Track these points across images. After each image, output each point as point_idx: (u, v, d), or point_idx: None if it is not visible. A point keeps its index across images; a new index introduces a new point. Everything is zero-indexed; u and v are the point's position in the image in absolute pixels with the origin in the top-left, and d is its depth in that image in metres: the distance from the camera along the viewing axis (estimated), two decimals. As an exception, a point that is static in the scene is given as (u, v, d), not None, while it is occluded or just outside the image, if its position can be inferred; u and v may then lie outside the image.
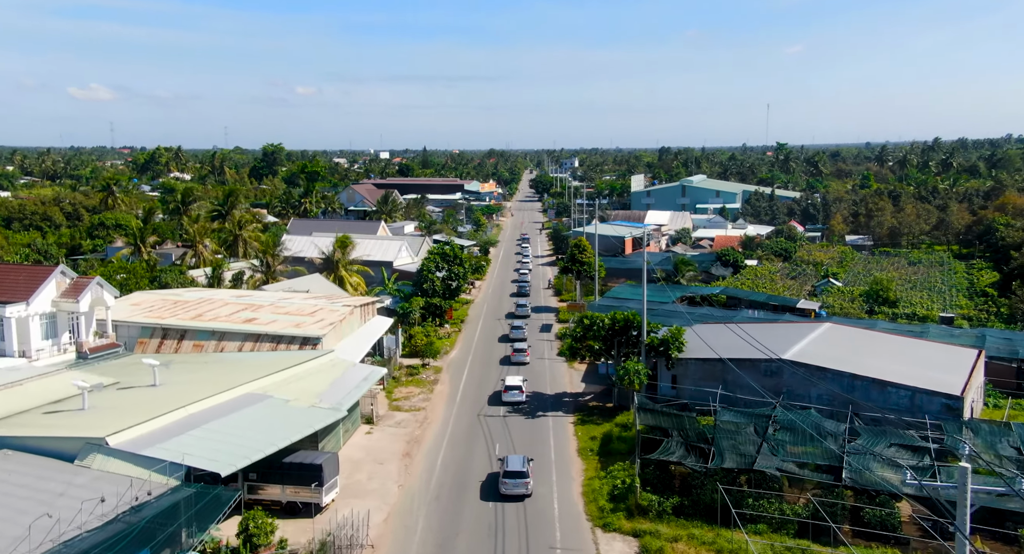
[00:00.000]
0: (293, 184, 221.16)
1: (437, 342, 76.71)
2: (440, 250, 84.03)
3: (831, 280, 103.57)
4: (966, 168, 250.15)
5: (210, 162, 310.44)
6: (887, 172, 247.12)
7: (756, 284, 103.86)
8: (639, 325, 58.61)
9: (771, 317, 79.06)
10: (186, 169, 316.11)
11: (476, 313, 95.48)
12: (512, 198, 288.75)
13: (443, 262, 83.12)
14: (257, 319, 60.88)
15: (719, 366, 55.26)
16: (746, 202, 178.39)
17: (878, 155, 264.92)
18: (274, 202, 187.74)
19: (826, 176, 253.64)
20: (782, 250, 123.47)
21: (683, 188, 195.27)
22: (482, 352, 77.07)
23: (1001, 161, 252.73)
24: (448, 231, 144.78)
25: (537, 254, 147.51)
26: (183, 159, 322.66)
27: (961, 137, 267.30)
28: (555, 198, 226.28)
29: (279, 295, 70.48)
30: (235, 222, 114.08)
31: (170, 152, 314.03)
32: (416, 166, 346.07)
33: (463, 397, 63.27)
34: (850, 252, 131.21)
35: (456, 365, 72.64)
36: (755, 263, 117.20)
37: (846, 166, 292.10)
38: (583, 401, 62.22)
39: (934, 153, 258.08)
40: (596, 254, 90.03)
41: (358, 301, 68.53)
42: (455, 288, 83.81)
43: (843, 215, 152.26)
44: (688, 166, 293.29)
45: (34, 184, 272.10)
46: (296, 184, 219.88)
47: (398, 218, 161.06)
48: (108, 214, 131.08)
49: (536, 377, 68.03)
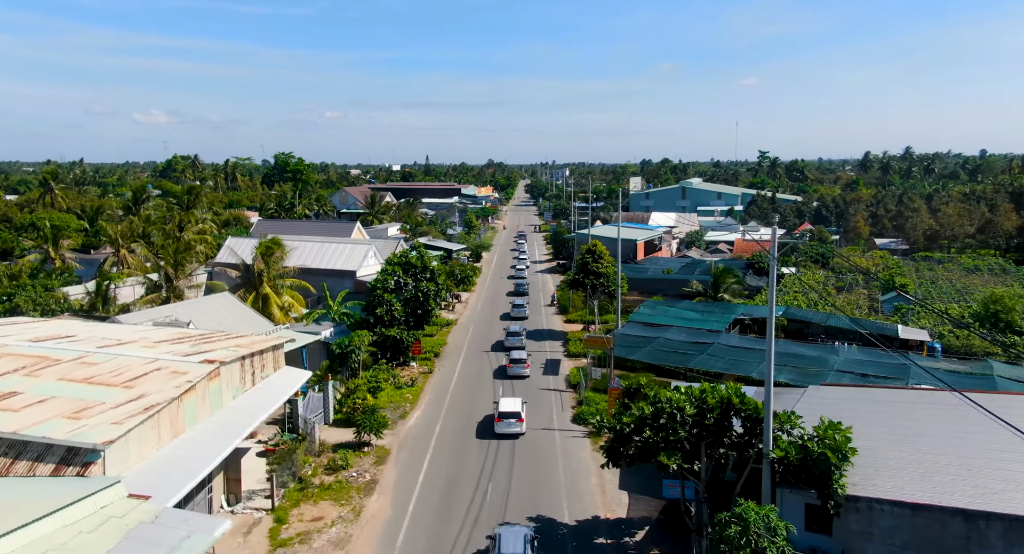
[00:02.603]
0: (270, 183, 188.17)
1: (394, 397, 42.87)
2: (401, 259, 49.58)
3: (902, 294, 69.53)
4: (946, 175, 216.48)
5: (223, 170, 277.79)
6: (872, 178, 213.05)
7: (809, 299, 69.88)
8: (751, 412, 24.68)
9: (878, 357, 45.14)
10: (203, 176, 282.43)
11: (458, 340, 61.32)
12: (508, 203, 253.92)
13: (405, 276, 48.92)
14: (13, 399, 26.78)
15: (957, 523, 21.24)
16: (751, 204, 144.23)
17: (861, 162, 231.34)
18: (267, 204, 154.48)
19: (811, 181, 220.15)
20: (818, 256, 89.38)
21: (683, 190, 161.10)
22: (458, 413, 43.02)
23: (980, 168, 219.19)
24: (436, 233, 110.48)
25: (535, 259, 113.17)
26: (199, 167, 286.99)
27: (935, 150, 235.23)
28: (551, 201, 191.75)
29: (124, 334, 36.18)
30: (175, 223, 79.76)
31: (187, 160, 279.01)
32: (419, 174, 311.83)
33: (415, 528, 29.26)
34: (888, 257, 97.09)
35: (413, 445, 38.44)
36: (793, 271, 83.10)
37: (822, 175, 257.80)
38: (630, 546, 28.07)
39: (915, 161, 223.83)
40: (619, 263, 55.49)
41: (248, 346, 34.35)
42: (425, 313, 49.34)
43: (863, 216, 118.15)
44: (676, 173, 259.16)
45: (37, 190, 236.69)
46: (280, 182, 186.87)
47: (386, 220, 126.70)
48: (42, 213, 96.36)
49: (543, 481, 33.86)
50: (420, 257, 50.24)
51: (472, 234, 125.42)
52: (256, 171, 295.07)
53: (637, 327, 53.86)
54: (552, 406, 43.98)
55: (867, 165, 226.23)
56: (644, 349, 47.04)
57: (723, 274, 62.61)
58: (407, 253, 50.20)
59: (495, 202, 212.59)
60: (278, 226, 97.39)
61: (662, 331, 52.05)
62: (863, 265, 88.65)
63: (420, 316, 49.12)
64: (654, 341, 49.04)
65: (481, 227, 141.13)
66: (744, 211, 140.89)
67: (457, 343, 59.85)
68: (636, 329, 53.28)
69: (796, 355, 44.93)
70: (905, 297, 68.02)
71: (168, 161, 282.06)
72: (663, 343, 48.70)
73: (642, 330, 52.92)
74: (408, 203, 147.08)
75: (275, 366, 35.97)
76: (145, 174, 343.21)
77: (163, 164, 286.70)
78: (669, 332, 51.56)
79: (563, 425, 40.69)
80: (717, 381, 36.97)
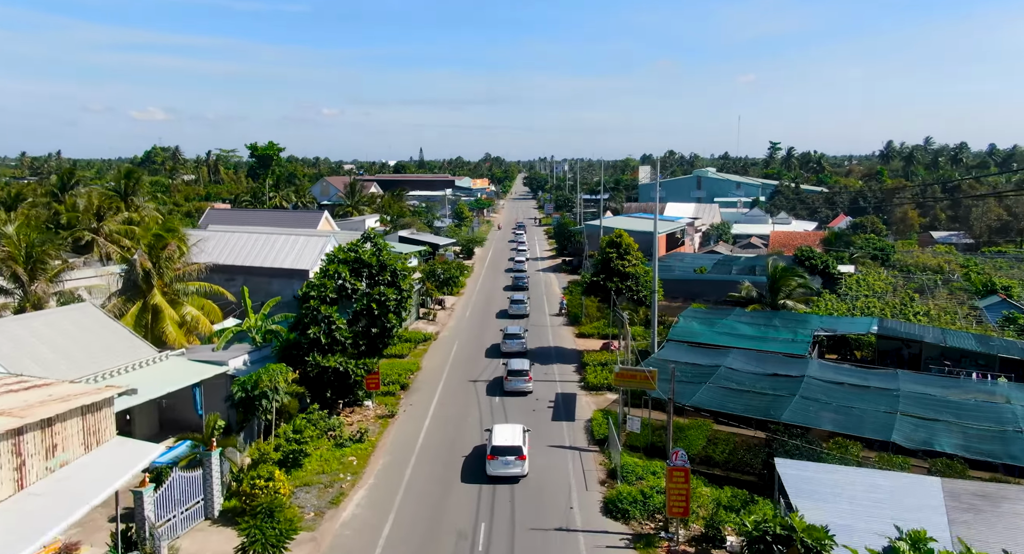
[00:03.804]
0: (256, 176, 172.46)
1: (329, 463, 27.76)
2: (348, 255, 33.82)
3: (1008, 299, 54.22)
4: (975, 165, 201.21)
5: (205, 163, 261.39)
6: (895, 169, 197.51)
7: (888, 305, 54.50)
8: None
9: None
10: (184, 169, 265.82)
11: (437, 362, 45.86)
12: (506, 196, 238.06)
13: (353, 278, 33.36)
14: None
15: None
16: (775, 194, 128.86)
17: (883, 152, 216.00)
18: (241, 195, 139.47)
19: (829, 172, 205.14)
20: (877, 251, 74.02)
21: (698, 179, 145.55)
22: (427, 493, 27.64)
23: (1011, 158, 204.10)
24: (420, 226, 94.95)
25: (536, 256, 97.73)
26: (180, 159, 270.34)
27: (945, 143, 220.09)
28: (553, 192, 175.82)
29: None
30: (91, 210, 64.20)
31: (167, 152, 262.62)
32: (413, 168, 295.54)
33: None
34: (955, 253, 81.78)
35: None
36: (852, 270, 67.76)
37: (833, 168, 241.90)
38: None
39: (939, 152, 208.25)
40: (655, 261, 39.80)
41: (39, 408, 18.96)
42: (382, 333, 33.61)
43: (910, 207, 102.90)
44: (682, 165, 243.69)
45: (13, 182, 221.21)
46: (267, 174, 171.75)
47: (367, 212, 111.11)
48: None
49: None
50: (377, 251, 34.59)
51: (463, 227, 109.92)
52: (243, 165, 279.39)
53: (682, 349, 38.47)
54: (569, 477, 28.62)
55: (889, 155, 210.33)
56: (703, 388, 31.63)
57: (785, 274, 47.18)
58: (358, 245, 34.74)
59: (491, 195, 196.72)
60: (231, 216, 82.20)
61: (719, 355, 36.66)
62: (928, 262, 73.45)
63: (375, 337, 33.62)
64: (713, 373, 33.62)
65: (474, 220, 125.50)
66: (768, 202, 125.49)
67: (435, 367, 44.38)
68: (681, 352, 37.88)
69: (936, 401, 29.54)
70: (1014, 304, 52.69)
71: (147, 152, 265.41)
72: (727, 377, 33.29)
73: (690, 353, 37.53)
74: (394, 194, 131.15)
75: (95, 437, 20.61)
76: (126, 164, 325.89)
77: (142, 156, 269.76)
78: (730, 357, 36.19)
79: (588, 518, 25.31)
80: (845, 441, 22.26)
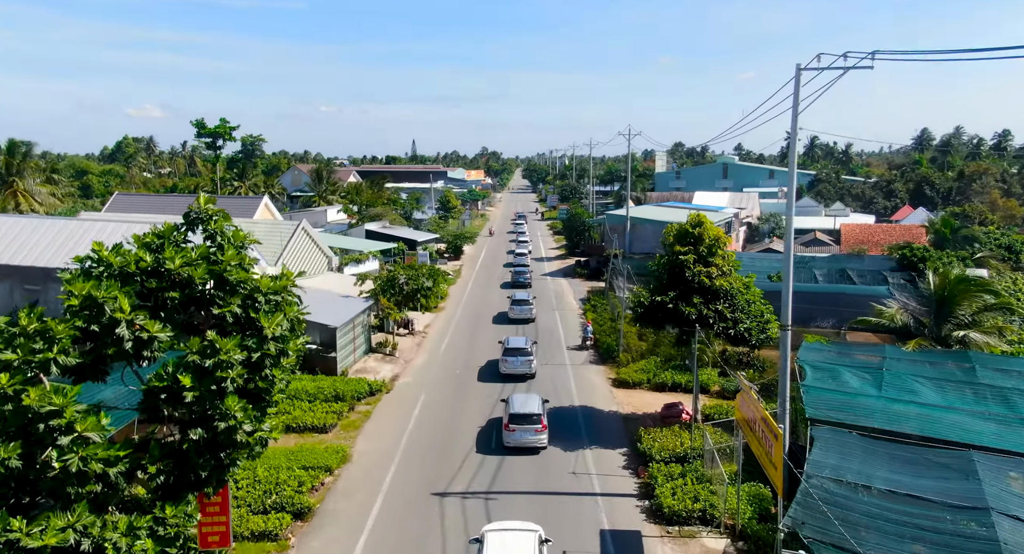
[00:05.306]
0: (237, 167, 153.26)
1: None
2: (133, 258, 14.83)
3: None
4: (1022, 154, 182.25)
5: (181, 154, 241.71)
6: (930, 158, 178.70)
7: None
8: None
9: None
10: (161, 162, 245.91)
11: (380, 449, 26.49)
12: (503, 190, 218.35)
13: (143, 315, 14.09)
14: None
15: None
16: (817, 183, 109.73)
17: (918, 140, 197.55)
18: (204, 184, 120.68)
19: (857, 163, 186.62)
20: (1003, 249, 54.81)
21: (724, 167, 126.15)
22: None
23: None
24: (395, 218, 75.49)
25: (541, 255, 78.24)
26: (154, 150, 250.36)
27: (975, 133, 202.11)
28: (555, 184, 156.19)
29: None
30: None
31: (139, 142, 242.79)
32: (404, 160, 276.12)
33: None
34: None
35: None
36: (985, 275, 48.47)
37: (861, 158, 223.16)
38: None
39: (977, 141, 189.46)
40: (789, 274, 20.67)
41: None
42: (215, 441, 14.04)
43: (998, 195, 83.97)
44: (693, 157, 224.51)
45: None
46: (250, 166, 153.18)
47: (337, 202, 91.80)
48: None
49: None
50: (214, 250, 15.31)
51: (451, 220, 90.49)
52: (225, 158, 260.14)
53: (851, 445, 19.04)
54: None
55: (924, 145, 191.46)
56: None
57: (965, 287, 28.02)
58: (168, 236, 15.61)
59: (488, 187, 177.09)
60: (145, 202, 63.19)
61: (941, 466, 17.29)
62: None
63: (201, 451, 14.40)
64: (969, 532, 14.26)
65: (465, 212, 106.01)
66: (811, 191, 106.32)
67: (378, 455, 25.09)
68: (855, 453, 18.49)
69: None
70: None
71: (118, 143, 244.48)
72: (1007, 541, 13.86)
73: (873, 459, 18.12)
74: (372, 184, 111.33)
75: None
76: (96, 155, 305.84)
77: (112, 147, 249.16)
78: (978, 474, 16.82)
79: None
80: None
